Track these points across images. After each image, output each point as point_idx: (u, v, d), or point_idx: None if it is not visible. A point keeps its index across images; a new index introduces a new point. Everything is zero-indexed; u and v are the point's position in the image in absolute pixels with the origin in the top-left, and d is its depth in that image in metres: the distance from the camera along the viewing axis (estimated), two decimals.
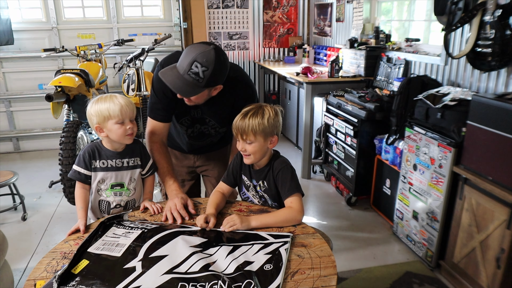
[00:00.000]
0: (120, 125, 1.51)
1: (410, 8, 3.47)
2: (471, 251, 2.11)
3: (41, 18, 4.57)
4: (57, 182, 3.52)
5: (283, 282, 1.11)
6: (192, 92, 1.52)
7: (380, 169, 3.01)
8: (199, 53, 1.44)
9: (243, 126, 1.45)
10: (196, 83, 1.48)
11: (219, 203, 1.55)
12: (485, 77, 2.42)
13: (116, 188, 1.60)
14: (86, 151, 1.57)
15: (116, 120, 1.50)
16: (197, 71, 1.45)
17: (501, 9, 2.14)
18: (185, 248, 1.27)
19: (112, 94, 1.56)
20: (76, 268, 1.18)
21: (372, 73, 3.50)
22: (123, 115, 1.50)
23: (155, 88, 1.70)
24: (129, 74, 3.51)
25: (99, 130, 1.54)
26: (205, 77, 1.46)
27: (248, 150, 1.48)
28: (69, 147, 2.94)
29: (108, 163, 1.58)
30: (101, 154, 1.58)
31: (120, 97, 1.54)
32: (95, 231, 1.38)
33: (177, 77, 1.48)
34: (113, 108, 1.49)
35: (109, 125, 1.51)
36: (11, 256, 2.23)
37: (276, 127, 1.50)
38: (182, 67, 1.47)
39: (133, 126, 1.55)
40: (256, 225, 1.40)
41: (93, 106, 1.53)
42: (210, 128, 1.83)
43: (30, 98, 4.60)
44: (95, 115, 1.52)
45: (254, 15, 5.04)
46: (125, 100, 1.53)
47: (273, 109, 1.49)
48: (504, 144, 1.87)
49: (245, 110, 1.49)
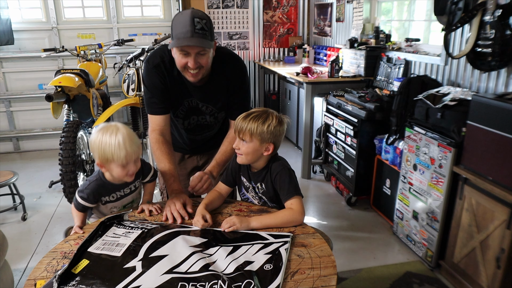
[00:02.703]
0: (122, 167, 1.46)
1: (410, 8, 3.47)
2: (471, 251, 2.11)
3: (41, 18, 4.57)
4: (57, 182, 3.51)
5: (283, 282, 1.11)
6: (208, 45, 1.56)
7: (380, 169, 3.01)
8: (189, 12, 1.52)
9: (243, 125, 1.46)
10: (205, 36, 1.54)
11: (213, 201, 1.55)
12: (485, 77, 2.42)
13: (128, 205, 1.65)
14: (92, 191, 1.51)
15: (119, 163, 1.44)
16: (201, 26, 1.52)
17: (501, 9, 2.14)
18: (185, 248, 1.27)
19: (117, 128, 1.44)
20: (76, 267, 1.18)
21: (372, 73, 3.50)
22: (127, 159, 1.44)
23: (146, 83, 1.73)
24: (129, 74, 3.50)
25: (100, 166, 1.49)
26: (209, 28, 1.55)
27: (241, 149, 1.49)
28: (69, 147, 2.94)
29: (117, 195, 1.58)
30: (108, 190, 1.55)
31: (127, 136, 1.43)
32: (95, 231, 1.38)
33: (190, 39, 1.52)
34: (117, 154, 1.41)
35: (111, 167, 1.46)
36: (11, 256, 2.23)
37: (275, 136, 1.48)
38: (186, 30, 1.51)
39: (136, 168, 1.50)
40: (256, 226, 1.40)
41: (97, 140, 1.43)
42: (208, 116, 1.83)
43: (30, 98, 4.60)
44: (97, 153, 1.44)
45: (254, 15, 5.05)
46: (131, 142, 1.44)
47: (277, 118, 1.48)
48: (504, 144, 1.87)
49: (250, 111, 1.50)
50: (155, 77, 1.70)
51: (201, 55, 1.57)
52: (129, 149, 1.43)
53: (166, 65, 1.69)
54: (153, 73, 1.70)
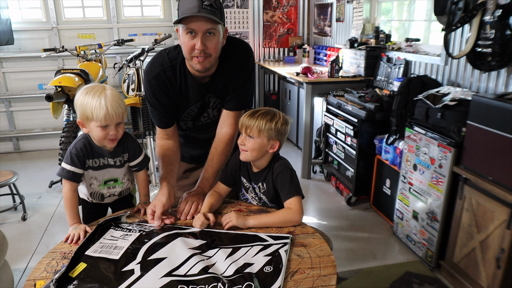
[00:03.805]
0: (102, 128, 1.40)
1: (410, 8, 3.47)
2: (471, 251, 2.11)
3: (41, 18, 4.57)
4: (57, 182, 3.52)
5: (283, 283, 1.11)
6: (216, 20, 1.43)
7: (380, 169, 3.00)
8: None
9: (251, 121, 1.46)
10: (213, 13, 1.41)
11: (214, 203, 1.54)
12: (485, 77, 2.42)
13: (110, 183, 1.56)
14: (78, 149, 1.45)
15: (98, 124, 1.39)
16: (210, 2, 1.40)
17: (501, 9, 2.14)
18: (184, 250, 1.25)
19: (104, 89, 1.41)
20: (74, 271, 1.16)
21: (372, 73, 3.50)
22: (106, 120, 1.38)
23: (148, 98, 1.64)
24: (129, 74, 3.50)
25: (81, 125, 1.45)
26: (218, 7, 1.43)
27: (247, 145, 1.48)
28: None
29: (100, 161, 1.50)
30: (93, 152, 1.48)
31: (110, 97, 1.40)
32: (92, 234, 1.36)
33: (196, 15, 1.40)
34: (97, 112, 1.37)
35: (90, 125, 1.41)
36: (11, 256, 2.23)
37: (282, 134, 1.50)
38: (193, 6, 1.39)
39: (116, 132, 1.43)
40: (254, 224, 1.40)
41: (80, 97, 1.40)
42: (212, 110, 1.73)
43: (30, 98, 4.61)
44: (79, 110, 1.41)
45: (254, 15, 5.04)
46: (114, 103, 1.39)
47: (284, 117, 1.51)
48: (504, 144, 1.87)
49: (257, 109, 1.50)
50: (156, 90, 1.60)
51: (209, 35, 1.44)
52: (110, 109, 1.37)
53: (167, 73, 1.58)
54: (153, 85, 1.59)
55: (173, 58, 1.60)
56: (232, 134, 1.69)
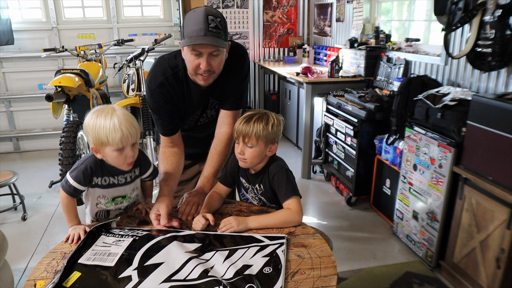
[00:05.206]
0: (118, 152, 1.34)
1: (410, 8, 3.47)
2: (471, 251, 2.11)
3: (41, 18, 4.57)
4: (57, 182, 3.51)
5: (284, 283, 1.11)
6: (222, 44, 1.46)
7: (380, 169, 3.01)
8: (203, 10, 1.43)
9: (247, 129, 1.44)
10: (219, 36, 1.44)
11: (213, 204, 1.54)
12: (485, 77, 2.42)
13: (118, 199, 1.51)
14: (88, 167, 1.39)
15: (115, 147, 1.33)
16: (215, 24, 1.42)
17: (501, 9, 2.14)
18: (181, 254, 1.23)
19: (113, 110, 1.34)
20: (68, 281, 1.12)
21: (372, 73, 3.50)
22: (123, 143, 1.33)
23: (151, 106, 1.64)
24: (129, 74, 3.50)
25: (95, 151, 1.37)
26: (223, 28, 1.46)
27: (247, 154, 1.47)
28: (69, 147, 2.94)
29: (110, 180, 1.45)
30: (103, 171, 1.42)
31: (123, 117, 1.33)
32: (83, 241, 1.31)
33: (203, 38, 1.41)
34: (112, 135, 1.30)
35: (106, 151, 1.35)
36: (11, 256, 2.23)
37: (278, 136, 1.50)
38: (199, 28, 1.41)
39: (133, 154, 1.38)
40: (254, 226, 1.40)
41: (91, 122, 1.33)
42: (210, 111, 1.75)
43: (30, 98, 4.60)
44: (91, 136, 1.33)
45: (254, 15, 5.04)
46: (127, 123, 1.33)
47: (276, 117, 1.50)
48: (504, 144, 1.87)
49: (249, 114, 1.48)
50: (161, 99, 1.60)
51: (214, 56, 1.48)
52: (125, 131, 1.31)
53: (170, 81, 1.59)
54: (157, 94, 1.60)
55: (174, 66, 1.60)
56: (231, 133, 1.70)
